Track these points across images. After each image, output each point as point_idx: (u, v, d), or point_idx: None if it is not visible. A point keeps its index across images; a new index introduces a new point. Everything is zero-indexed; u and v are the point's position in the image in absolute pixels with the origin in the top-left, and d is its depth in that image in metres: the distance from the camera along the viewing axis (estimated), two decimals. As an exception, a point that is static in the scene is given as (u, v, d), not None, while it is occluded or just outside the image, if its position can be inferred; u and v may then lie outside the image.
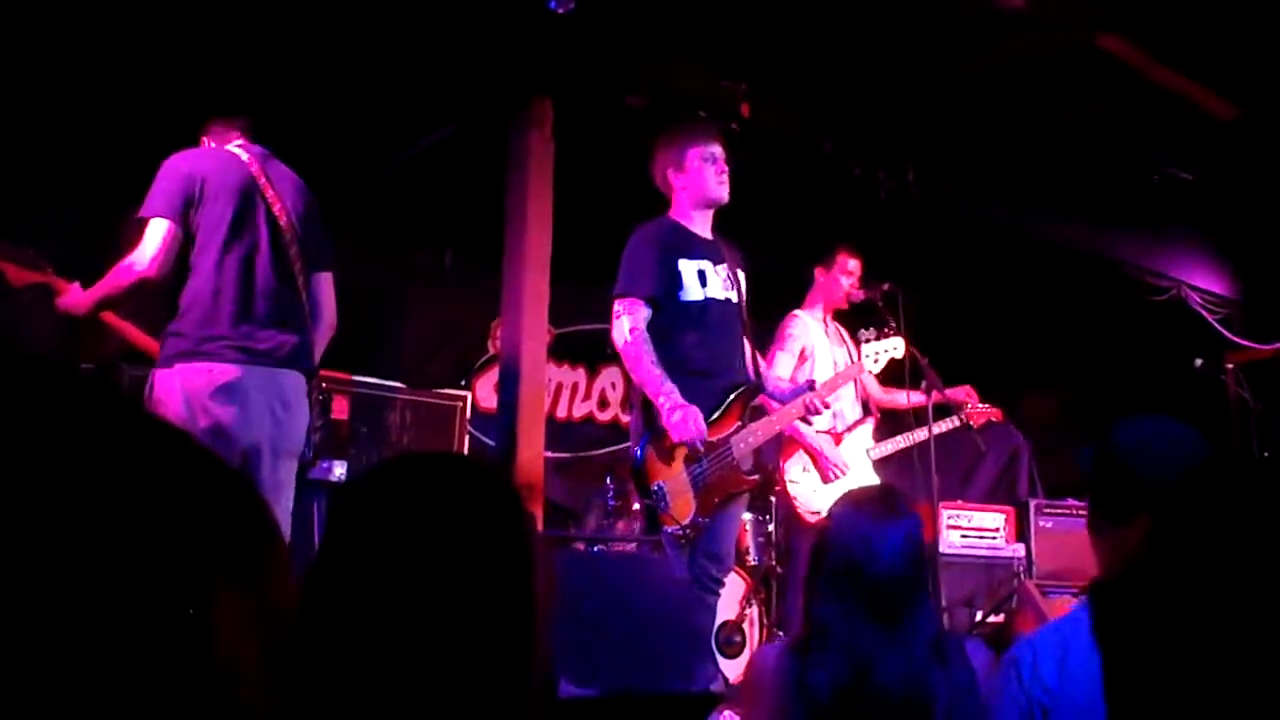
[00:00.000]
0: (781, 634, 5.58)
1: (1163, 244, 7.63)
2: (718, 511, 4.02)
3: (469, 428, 5.87)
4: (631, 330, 3.98)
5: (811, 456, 5.23)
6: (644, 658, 3.11)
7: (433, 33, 4.81)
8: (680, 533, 3.88)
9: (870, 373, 4.90)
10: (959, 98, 5.78)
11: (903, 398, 5.34)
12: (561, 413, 7.61)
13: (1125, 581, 0.93)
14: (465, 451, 5.82)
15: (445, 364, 7.09)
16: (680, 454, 4.00)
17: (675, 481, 3.99)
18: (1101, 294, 7.67)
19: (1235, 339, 7.67)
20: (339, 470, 4.86)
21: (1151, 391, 7.17)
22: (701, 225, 4.25)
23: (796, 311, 5.46)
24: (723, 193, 4.21)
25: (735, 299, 4.21)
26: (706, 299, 4.10)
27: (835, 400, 5.29)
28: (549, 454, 5.88)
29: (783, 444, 5.29)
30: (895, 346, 4.86)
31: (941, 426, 5.44)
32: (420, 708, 1.08)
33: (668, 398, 3.90)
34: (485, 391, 7.03)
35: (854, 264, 5.49)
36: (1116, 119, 6.13)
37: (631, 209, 6.49)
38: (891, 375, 5.27)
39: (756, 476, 4.27)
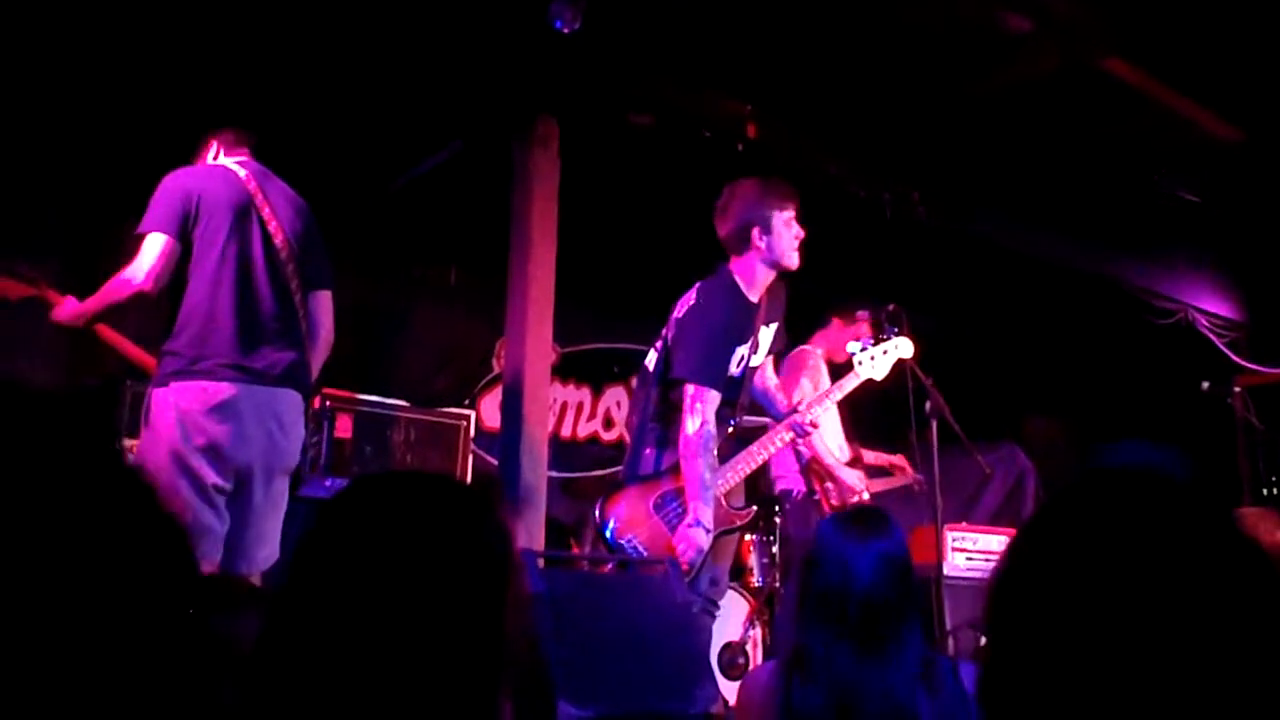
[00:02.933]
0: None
1: (1170, 267, 7.61)
2: (713, 545, 4.03)
3: (473, 446, 5.86)
4: (703, 424, 3.97)
5: (831, 476, 5.26)
6: (644, 678, 3.09)
7: (439, 51, 4.83)
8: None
9: (873, 378, 4.61)
10: (965, 119, 5.78)
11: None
12: (566, 432, 7.60)
13: (994, 597, 0.95)
14: (469, 470, 5.81)
15: (449, 382, 7.08)
16: (643, 504, 4.03)
17: (648, 530, 4.00)
18: (1108, 316, 7.65)
19: (1243, 362, 7.64)
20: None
21: (1159, 415, 7.15)
22: (761, 287, 4.22)
23: (811, 349, 5.48)
24: (796, 260, 4.19)
25: (750, 365, 4.25)
26: (729, 377, 4.15)
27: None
28: (553, 473, 5.87)
29: (810, 466, 5.32)
30: (898, 346, 4.61)
31: (881, 485, 5.58)
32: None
33: (702, 511, 3.91)
34: (490, 410, 7.01)
35: (868, 335, 5.53)
36: (1122, 141, 6.13)
37: (637, 228, 6.53)
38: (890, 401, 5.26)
39: (750, 509, 4.27)
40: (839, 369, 5.45)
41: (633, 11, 4.76)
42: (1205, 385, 7.13)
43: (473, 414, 5.98)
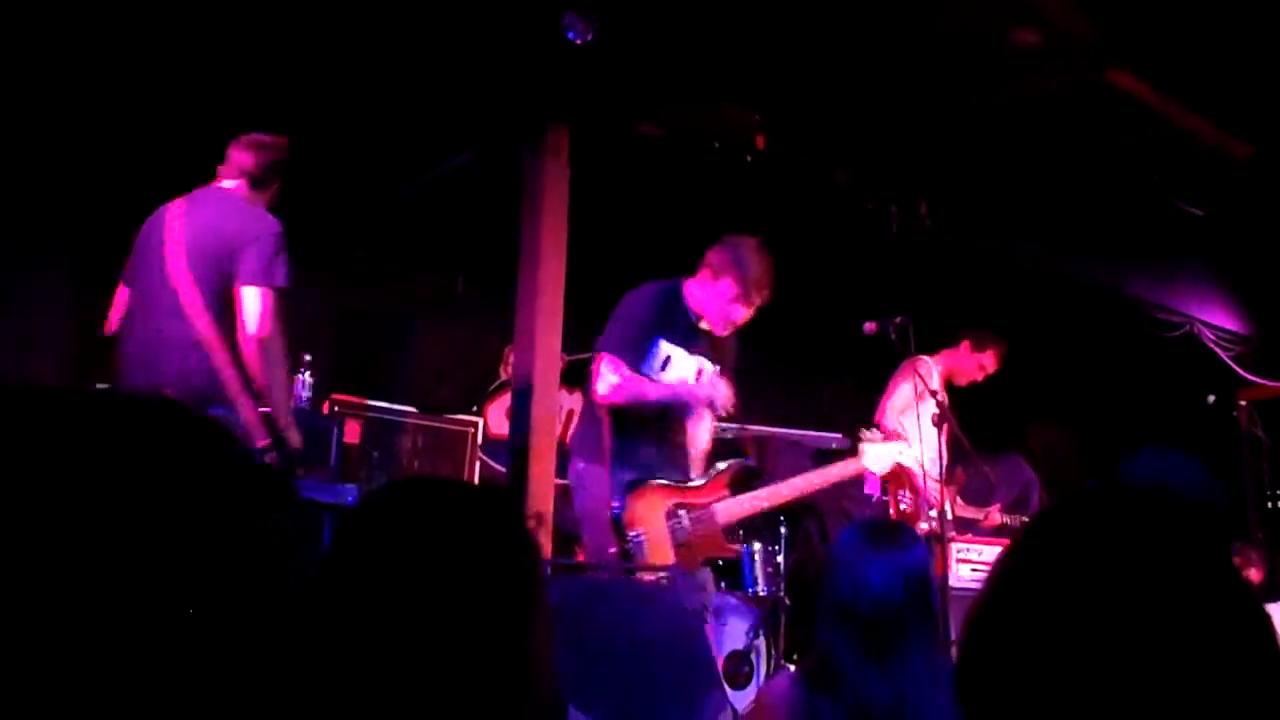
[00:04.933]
0: (786, 664, 5.56)
1: (1176, 280, 7.62)
2: (699, 567, 4.17)
3: (479, 453, 5.88)
4: (614, 377, 4.15)
5: (911, 485, 5.32)
6: (652, 686, 3.11)
7: (450, 60, 4.86)
8: (659, 578, 3.96)
9: (871, 471, 4.72)
10: (972, 131, 5.80)
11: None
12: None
13: (982, 614, 0.96)
14: (475, 477, 5.82)
15: (456, 389, 7.10)
16: (660, 507, 4.09)
17: (654, 531, 4.09)
18: (1114, 329, 7.66)
19: (1248, 376, 7.65)
20: (351, 494, 4.86)
21: (1164, 427, 7.15)
22: (702, 307, 4.36)
23: (926, 360, 5.50)
24: (720, 330, 4.35)
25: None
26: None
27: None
28: (560, 480, 5.89)
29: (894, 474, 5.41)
30: (903, 451, 4.74)
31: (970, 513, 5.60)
32: None
33: (686, 387, 4.11)
34: (496, 417, 7.02)
35: (993, 366, 5.85)
36: (1129, 156, 6.14)
37: (645, 237, 6.54)
38: None
39: (739, 547, 4.34)
40: (956, 391, 5.61)
41: (644, 22, 4.79)
42: (1211, 398, 7.15)
43: (480, 421, 5.99)
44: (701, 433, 4.46)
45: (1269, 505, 7.32)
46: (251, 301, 3.89)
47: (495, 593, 1.15)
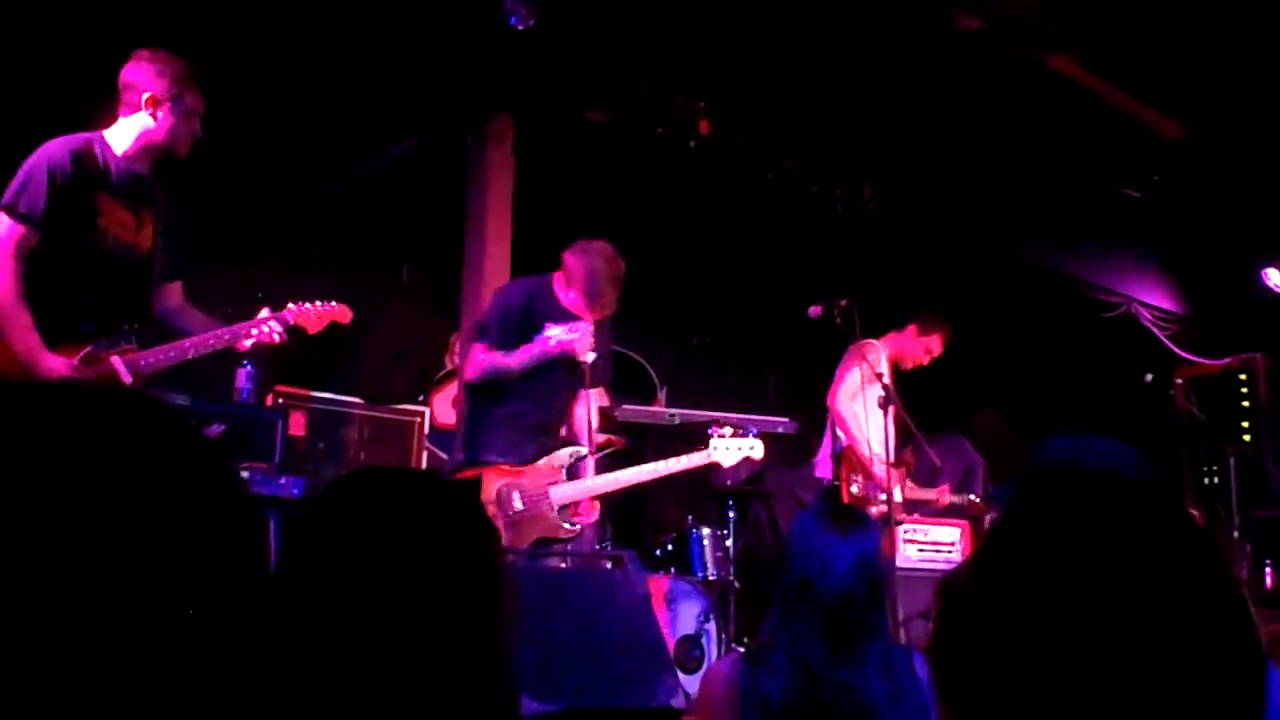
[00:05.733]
0: (737, 648, 5.60)
1: (1113, 261, 7.75)
2: (535, 547, 4.18)
3: (426, 443, 5.84)
4: (479, 358, 4.22)
5: (864, 469, 5.43)
6: (605, 673, 3.12)
7: (394, 48, 4.81)
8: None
9: (721, 464, 4.68)
10: (915, 115, 5.85)
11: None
12: (520, 427, 7.57)
13: (955, 595, 0.96)
14: (424, 466, 5.78)
15: (402, 379, 7.04)
16: (490, 487, 4.13)
17: (531, 490, 4.18)
18: (1053, 309, 7.77)
19: (1184, 354, 7.80)
20: (297, 487, 4.80)
21: (1102, 406, 7.27)
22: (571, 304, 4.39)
23: (875, 344, 5.52)
24: (590, 311, 4.34)
25: (575, 369, 4.36)
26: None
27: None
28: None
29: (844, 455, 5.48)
30: (753, 447, 4.69)
31: (919, 495, 5.68)
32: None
33: (536, 345, 4.13)
34: (442, 406, 6.98)
35: (938, 349, 5.81)
36: (1068, 137, 6.23)
37: (591, 223, 6.53)
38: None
39: (575, 529, 4.33)
40: (901, 374, 5.68)
41: (588, 8, 4.77)
42: (1148, 377, 7.27)
43: (426, 410, 5.95)
44: (583, 411, 4.47)
45: (1205, 481, 7.46)
46: None
47: (462, 579, 1.15)
